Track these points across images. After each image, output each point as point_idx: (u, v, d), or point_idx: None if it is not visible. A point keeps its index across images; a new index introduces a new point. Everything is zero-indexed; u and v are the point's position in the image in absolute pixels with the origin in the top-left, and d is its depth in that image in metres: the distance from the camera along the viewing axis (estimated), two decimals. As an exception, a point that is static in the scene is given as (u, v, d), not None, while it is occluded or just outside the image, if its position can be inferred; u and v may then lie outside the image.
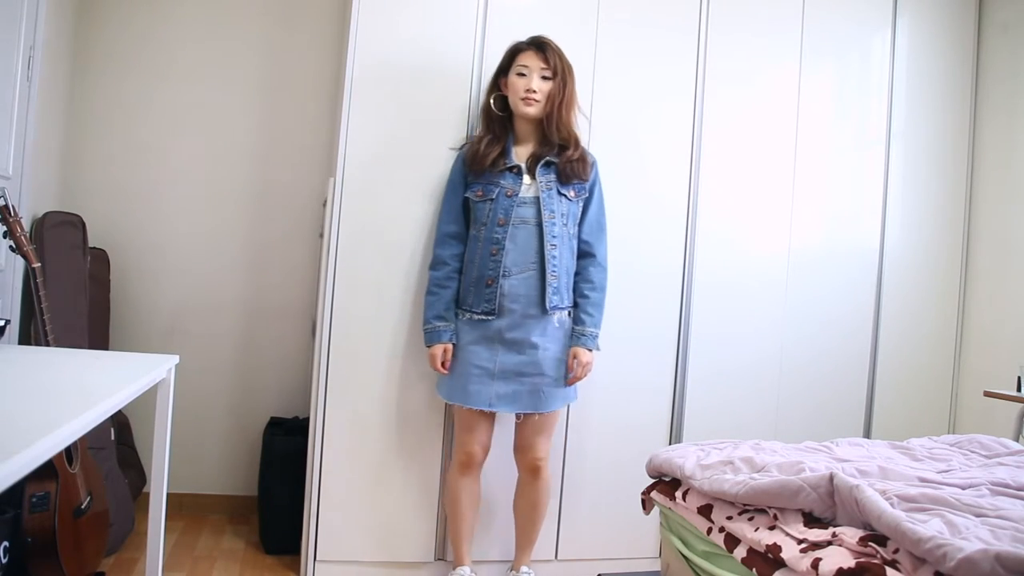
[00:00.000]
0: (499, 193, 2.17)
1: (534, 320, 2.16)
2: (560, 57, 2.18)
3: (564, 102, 2.18)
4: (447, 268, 2.23)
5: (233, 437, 2.97)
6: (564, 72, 2.18)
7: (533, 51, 2.18)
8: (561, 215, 2.19)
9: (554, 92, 2.16)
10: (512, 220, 2.15)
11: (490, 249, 2.16)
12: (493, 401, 2.15)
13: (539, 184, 2.18)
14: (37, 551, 1.85)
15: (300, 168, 2.98)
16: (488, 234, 2.16)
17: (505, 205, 2.16)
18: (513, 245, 2.15)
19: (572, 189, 2.21)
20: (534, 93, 2.15)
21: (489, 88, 2.27)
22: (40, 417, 1.12)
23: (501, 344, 2.16)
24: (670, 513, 1.82)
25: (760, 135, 2.74)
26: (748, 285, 2.73)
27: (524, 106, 2.17)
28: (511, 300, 2.15)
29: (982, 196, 2.99)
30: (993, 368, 2.83)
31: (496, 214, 2.16)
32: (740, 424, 2.65)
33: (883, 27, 2.89)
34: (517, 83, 2.17)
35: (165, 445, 1.79)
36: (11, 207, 1.88)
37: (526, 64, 2.17)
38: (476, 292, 2.17)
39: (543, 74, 2.16)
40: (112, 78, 2.85)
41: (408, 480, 2.41)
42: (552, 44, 2.19)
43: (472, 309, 2.18)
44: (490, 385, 2.15)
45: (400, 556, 2.42)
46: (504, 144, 2.22)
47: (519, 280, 2.15)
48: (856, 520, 1.38)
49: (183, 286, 2.92)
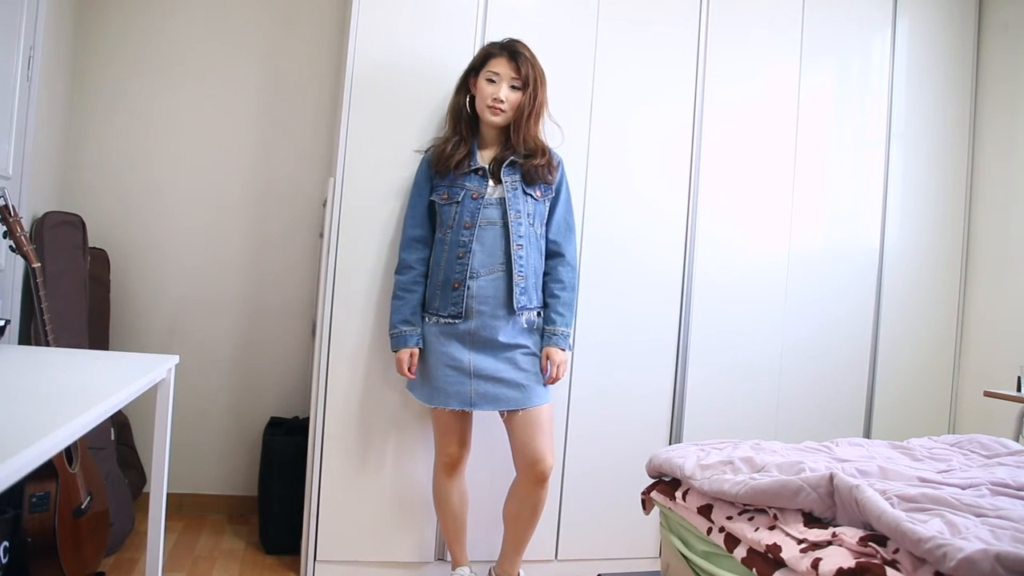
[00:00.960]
0: (464, 195, 2.14)
1: (502, 321, 2.13)
2: (533, 66, 2.14)
3: (532, 113, 2.14)
4: (413, 272, 2.20)
5: (233, 437, 2.97)
6: (535, 82, 2.14)
7: (506, 58, 2.13)
8: (527, 215, 2.16)
9: (523, 103, 2.13)
10: (478, 222, 2.12)
11: (456, 252, 2.13)
12: (474, 400, 2.12)
13: (504, 184, 2.15)
14: (37, 551, 1.85)
15: (300, 168, 2.98)
16: (454, 237, 2.14)
17: (471, 207, 2.14)
18: (480, 247, 2.12)
19: (538, 189, 2.19)
20: (501, 103, 2.12)
21: (458, 87, 2.24)
22: (40, 417, 1.12)
23: (472, 345, 2.13)
24: (670, 513, 1.82)
25: (760, 135, 2.74)
26: (748, 285, 2.73)
27: (490, 115, 2.14)
28: (479, 302, 2.12)
29: (982, 196, 2.99)
30: (993, 368, 2.83)
31: (462, 216, 2.14)
32: (740, 424, 2.65)
33: (883, 27, 2.89)
34: (485, 89, 2.14)
35: (165, 445, 1.79)
36: (11, 207, 1.88)
37: (497, 71, 2.13)
38: (443, 295, 2.14)
39: (513, 83, 2.13)
40: (112, 78, 2.85)
41: (408, 480, 2.41)
42: (526, 52, 2.15)
43: (439, 312, 2.15)
44: (468, 384, 2.12)
45: (400, 556, 2.42)
46: (470, 146, 2.19)
47: (487, 282, 2.13)
48: (856, 520, 1.38)
49: (183, 286, 2.92)
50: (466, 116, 2.22)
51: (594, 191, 2.55)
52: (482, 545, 2.41)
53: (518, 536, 2.25)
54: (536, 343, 2.19)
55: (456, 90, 2.24)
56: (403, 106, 2.40)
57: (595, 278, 2.55)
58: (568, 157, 2.46)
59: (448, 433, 2.20)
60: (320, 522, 2.36)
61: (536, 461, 2.15)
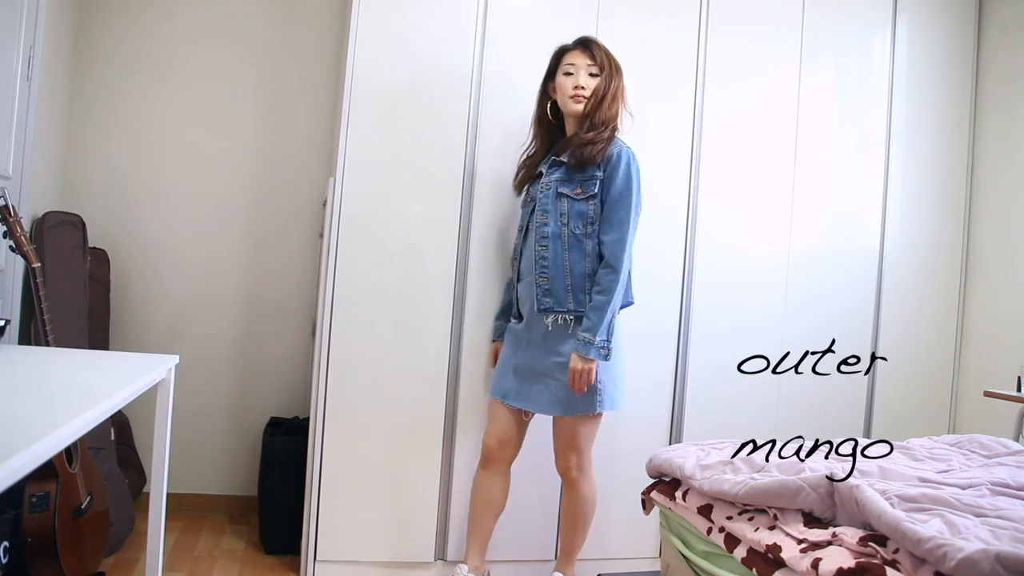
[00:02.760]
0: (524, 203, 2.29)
1: (538, 323, 2.15)
2: (607, 54, 2.17)
3: (608, 94, 2.13)
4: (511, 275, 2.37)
5: (233, 437, 2.97)
6: (611, 67, 2.15)
7: (579, 50, 2.17)
8: (560, 215, 2.10)
9: (602, 86, 2.14)
10: (528, 227, 2.21)
11: (511, 256, 2.35)
12: (508, 393, 2.19)
13: (541, 183, 2.17)
14: (37, 551, 1.85)
15: (300, 168, 2.98)
16: (515, 242, 2.30)
17: (525, 212, 2.26)
18: (525, 252, 2.21)
19: (579, 186, 2.09)
20: (582, 89, 2.12)
21: (540, 95, 2.27)
22: (40, 417, 1.12)
23: (524, 345, 2.19)
24: (670, 513, 1.82)
25: (760, 135, 2.74)
26: (748, 285, 2.73)
27: (573, 104, 2.14)
28: (522, 304, 2.22)
29: (982, 196, 2.99)
30: (993, 368, 2.83)
31: (521, 222, 2.27)
32: (740, 423, 2.65)
33: (883, 27, 2.89)
34: (565, 82, 2.15)
35: (165, 445, 1.79)
36: (11, 207, 1.88)
37: (572, 63, 2.15)
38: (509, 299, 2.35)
39: (590, 71, 2.14)
40: (112, 78, 2.85)
41: (408, 480, 2.41)
42: (598, 42, 2.19)
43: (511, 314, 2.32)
44: (508, 378, 2.20)
45: (400, 556, 2.42)
46: (546, 150, 2.26)
47: (525, 284, 2.19)
48: (856, 520, 1.38)
49: (183, 286, 2.92)
50: (547, 124, 2.27)
51: (594, 191, 2.55)
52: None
53: (565, 539, 2.33)
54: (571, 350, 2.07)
55: (538, 101, 2.27)
56: (403, 106, 2.40)
57: (595, 278, 2.55)
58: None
59: (490, 421, 2.27)
60: (320, 522, 2.36)
61: (560, 464, 2.24)
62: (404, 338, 2.40)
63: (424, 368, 2.40)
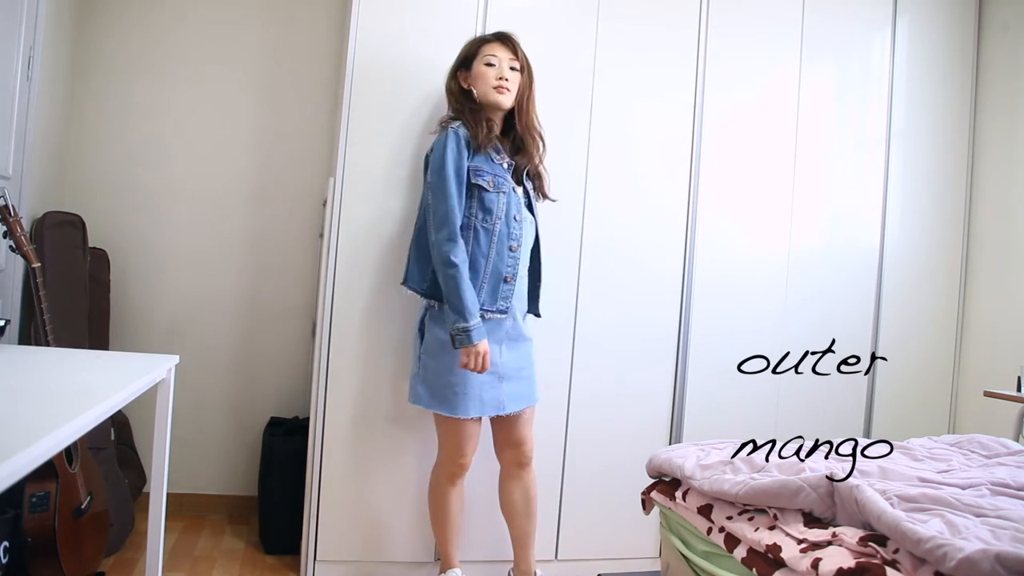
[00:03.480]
0: (511, 188, 2.10)
1: (522, 319, 2.19)
2: (525, 55, 2.17)
3: (530, 97, 2.16)
4: (465, 264, 2.00)
5: (233, 437, 2.97)
6: (529, 68, 2.17)
7: (500, 43, 2.14)
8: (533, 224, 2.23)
9: (523, 85, 2.13)
10: (523, 216, 2.15)
11: (508, 245, 2.06)
12: (506, 403, 2.11)
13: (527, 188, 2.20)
14: (37, 551, 1.85)
15: (300, 168, 2.98)
16: (504, 228, 2.06)
17: (516, 201, 2.11)
18: (523, 245, 2.14)
19: None
20: (506, 81, 2.09)
21: (449, 80, 2.17)
22: (40, 417, 1.12)
23: (507, 344, 2.14)
24: (670, 513, 1.82)
25: (760, 135, 2.74)
26: (748, 285, 2.73)
27: (496, 94, 2.08)
28: (517, 299, 2.15)
29: (982, 196, 2.99)
30: (993, 368, 2.83)
31: (511, 209, 2.08)
32: (740, 424, 2.65)
33: (883, 27, 2.89)
34: (487, 72, 2.09)
35: (165, 445, 1.79)
36: (11, 207, 1.88)
37: (494, 54, 2.10)
38: (491, 289, 2.05)
39: (512, 64, 2.12)
40: (112, 78, 2.85)
41: (408, 480, 2.41)
42: (517, 39, 2.16)
43: (485, 307, 2.04)
44: (500, 387, 2.09)
45: (400, 556, 2.42)
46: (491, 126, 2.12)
47: (520, 280, 2.16)
48: (856, 520, 1.38)
49: (183, 286, 2.92)
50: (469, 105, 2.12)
51: (594, 191, 2.55)
52: (478, 546, 2.42)
53: (520, 530, 2.25)
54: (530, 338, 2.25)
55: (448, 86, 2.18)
56: (403, 106, 2.39)
57: (595, 278, 2.55)
58: (568, 156, 2.47)
59: (465, 441, 2.10)
60: (320, 522, 2.36)
61: (520, 443, 2.19)
62: (404, 338, 2.39)
63: (424, 368, 2.40)
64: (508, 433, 2.20)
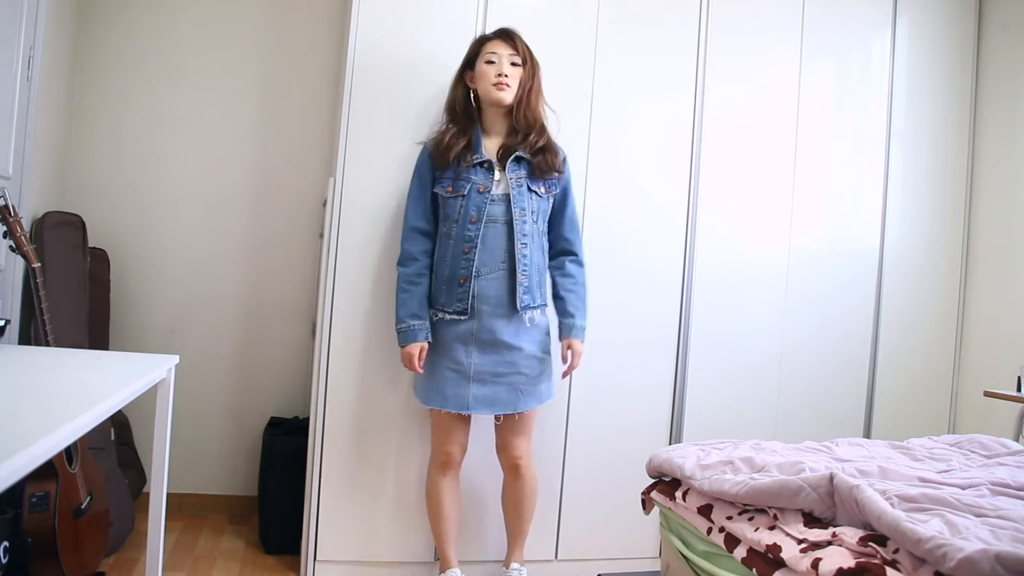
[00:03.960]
0: (471, 189, 2.12)
1: (504, 320, 2.13)
2: (527, 47, 2.17)
3: (534, 89, 2.17)
4: (417, 264, 2.16)
5: (233, 437, 2.97)
6: (532, 60, 2.17)
7: (500, 40, 2.16)
8: (531, 212, 2.15)
9: (525, 78, 2.15)
10: (484, 218, 2.10)
11: (462, 247, 2.10)
12: (471, 404, 2.12)
13: (509, 180, 2.13)
14: (37, 551, 1.85)
15: (300, 168, 2.98)
16: (460, 231, 2.11)
17: (477, 202, 2.11)
18: (483, 245, 2.10)
19: (543, 185, 2.18)
20: (506, 77, 2.12)
21: (454, 83, 2.22)
22: (40, 417, 1.12)
23: (476, 345, 2.13)
24: (670, 513, 1.82)
25: (760, 135, 2.74)
26: (748, 285, 2.73)
27: (496, 91, 2.12)
28: (481, 301, 2.11)
29: (982, 196, 2.99)
30: (993, 368, 2.83)
31: (468, 211, 2.11)
32: (740, 424, 2.65)
33: (883, 27, 2.89)
34: (487, 70, 2.13)
35: (165, 445, 1.79)
36: (11, 207, 1.88)
37: (494, 51, 2.14)
38: (448, 291, 2.12)
39: (512, 60, 2.14)
40: (112, 78, 2.85)
41: (408, 480, 2.41)
42: (519, 34, 2.18)
43: (444, 308, 2.13)
44: (467, 387, 2.12)
45: (400, 556, 2.42)
46: (470, 137, 2.15)
47: (488, 280, 2.11)
48: (856, 520, 1.38)
49: (183, 286, 2.92)
50: (464, 108, 2.21)
51: (594, 190, 2.55)
52: (477, 546, 2.42)
53: (510, 526, 2.32)
54: (538, 343, 2.19)
55: (452, 86, 2.23)
56: (403, 106, 2.40)
57: (595, 277, 2.54)
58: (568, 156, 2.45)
59: (446, 433, 2.20)
60: (320, 522, 2.36)
61: (514, 457, 2.23)
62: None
63: (424, 368, 2.40)
64: (498, 437, 2.26)
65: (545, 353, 2.22)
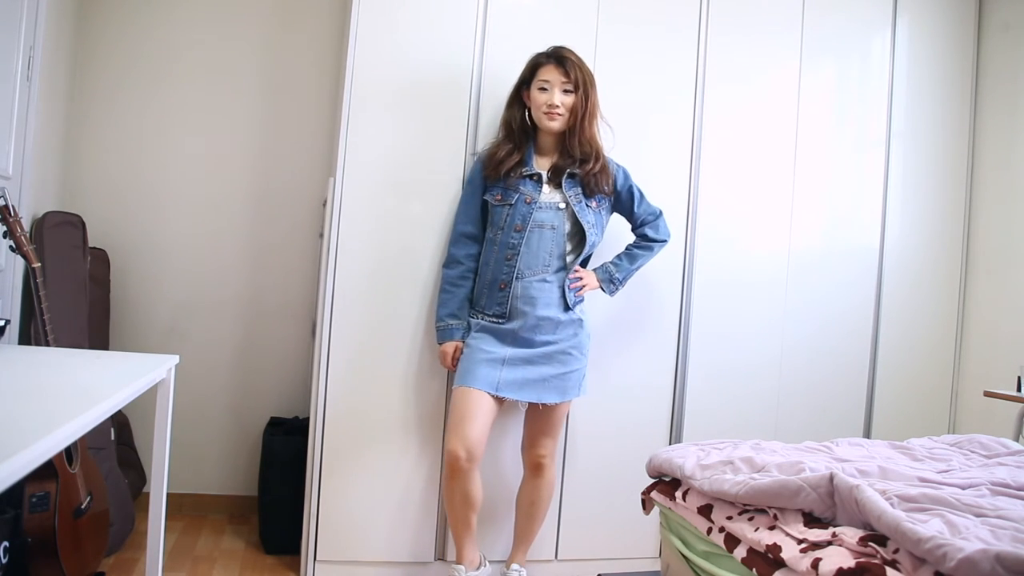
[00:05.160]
0: (518, 199, 2.20)
1: (546, 322, 2.19)
2: (581, 69, 2.19)
3: (587, 114, 2.20)
4: (461, 267, 2.26)
5: (233, 437, 2.97)
6: (586, 84, 2.19)
7: (553, 65, 2.18)
8: (591, 225, 2.24)
9: (577, 105, 2.18)
10: (529, 225, 2.17)
11: (505, 254, 2.19)
12: (501, 386, 2.14)
13: (569, 197, 2.21)
14: (37, 551, 1.85)
15: (300, 168, 2.98)
16: (504, 238, 2.20)
17: (523, 211, 2.19)
18: (527, 250, 2.18)
19: (595, 200, 2.25)
20: (557, 108, 2.17)
21: (510, 101, 2.27)
22: (40, 417, 1.12)
23: (513, 342, 2.19)
24: (670, 513, 1.82)
25: (760, 134, 2.74)
26: (748, 285, 2.73)
27: (547, 120, 2.18)
28: (524, 303, 2.18)
29: (982, 196, 2.99)
30: (993, 368, 2.83)
31: (514, 219, 2.19)
32: (740, 424, 2.65)
33: (883, 27, 2.89)
34: (539, 98, 2.18)
35: (165, 445, 1.79)
36: (11, 207, 1.88)
37: (547, 79, 2.17)
38: (489, 295, 2.21)
39: (564, 87, 2.17)
40: (112, 78, 2.85)
41: (408, 480, 2.41)
42: (573, 57, 2.20)
43: (484, 311, 2.22)
44: (499, 370, 2.15)
45: (400, 556, 2.42)
46: (524, 154, 2.23)
47: (531, 283, 2.18)
48: (856, 520, 1.38)
49: (183, 286, 2.92)
50: (520, 126, 2.25)
51: (594, 191, 2.55)
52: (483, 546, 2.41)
53: (519, 526, 2.34)
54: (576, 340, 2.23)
55: (508, 104, 2.28)
56: (403, 106, 2.40)
57: (595, 278, 2.55)
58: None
59: (466, 421, 2.10)
60: (320, 522, 2.36)
61: (537, 452, 2.27)
62: (405, 337, 2.39)
63: (424, 366, 2.40)
64: (525, 433, 2.29)
65: (579, 353, 2.24)
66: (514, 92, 2.27)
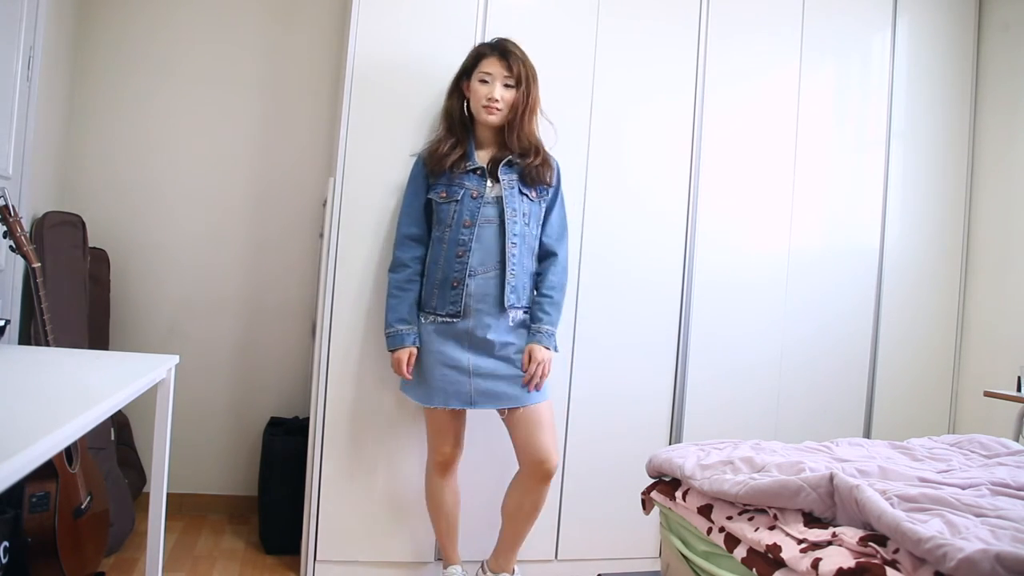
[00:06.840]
0: (464, 195, 2.14)
1: (494, 319, 2.14)
2: (524, 63, 2.15)
3: (526, 110, 2.16)
4: (408, 270, 2.19)
5: (233, 437, 2.97)
6: (528, 79, 2.15)
7: (497, 57, 2.14)
8: (523, 214, 2.17)
9: (517, 100, 2.14)
10: (478, 221, 2.12)
11: (456, 251, 2.13)
12: (475, 398, 2.11)
13: (502, 183, 2.15)
14: (37, 551, 1.85)
15: (300, 168, 2.98)
16: (454, 235, 2.13)
17: (471, 207, 2.14)
18: (479, 245, 2.12)
19: (533, 190, 2.19)
20: (496, 102, 2.13)
21: (451, 90, 2.23)
22: (40, 417, 1.12)
23: (470, 344, 2.13)
24: (670, 513, 1.82)
25: (760, 135, 2.74)
26: (748, 285, 2.73)
27: (486, 114, 2.14)
28: (476, 300, 2.12)
29: (982, 196, 2.99)
30: (993, 368, 2.83)
31: (461, 215, 2.14)
32: (740, 424, 2.65)
33: (883, 27, 2.89)
34: (479, 90, 2.14)
35: (165, 445, 1.79)
36: (11, 207, 1.88)
37: (489, 71, 2.13)
38: (441, 294, 2.14)
39: (506, 82, 2.14)
40: (112, 78, 2.85)
41: (408, 480, 2.41)
42: (516, 50, 2.16)
43: (437, 311, 2.15)
44: (468, 383, 2.12)
45: (400, 556, 2.42)
46: (466, 147, 2.18)
47: (483, 280, 2.13)
48: (856, 520, 1.38)
49: (183, 286, 2.92)
50: (459, 118, 2.22)
51: (594, 191, 2.55)
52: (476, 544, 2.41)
53: (516, 531, 2.25)
54: (524, 342, 2.18)
55: (449, 94, 2.24)
56: (403, 105, 2.40)
57: (595, 278, 2.55)
58: (568, 156, 2.46)
59: (444, 432, 2.20)
60: (320, 522, 2.36)
61: (542, 460, 2.15)
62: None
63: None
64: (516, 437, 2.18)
65: None
66: (455, 82, 2.22)
